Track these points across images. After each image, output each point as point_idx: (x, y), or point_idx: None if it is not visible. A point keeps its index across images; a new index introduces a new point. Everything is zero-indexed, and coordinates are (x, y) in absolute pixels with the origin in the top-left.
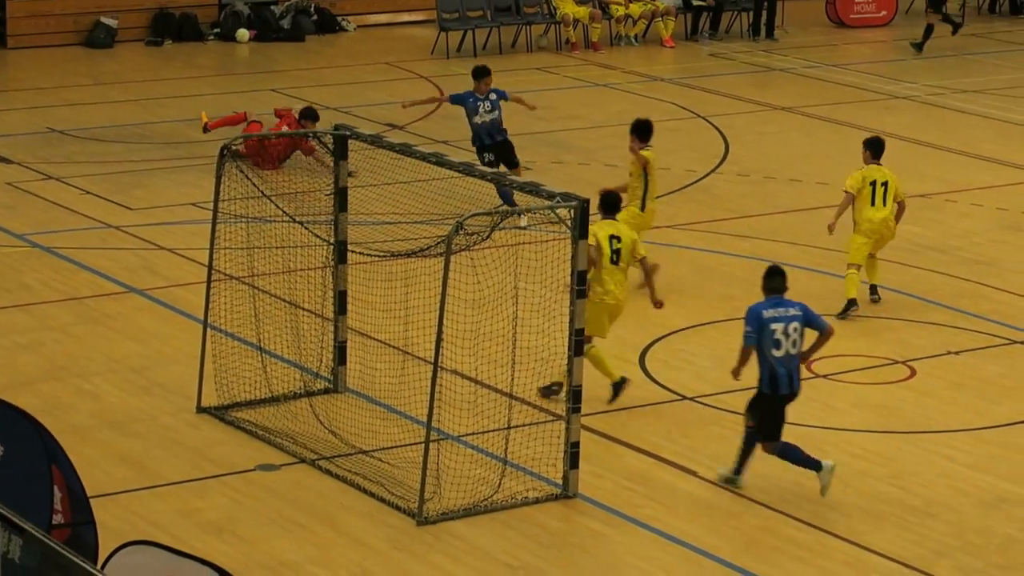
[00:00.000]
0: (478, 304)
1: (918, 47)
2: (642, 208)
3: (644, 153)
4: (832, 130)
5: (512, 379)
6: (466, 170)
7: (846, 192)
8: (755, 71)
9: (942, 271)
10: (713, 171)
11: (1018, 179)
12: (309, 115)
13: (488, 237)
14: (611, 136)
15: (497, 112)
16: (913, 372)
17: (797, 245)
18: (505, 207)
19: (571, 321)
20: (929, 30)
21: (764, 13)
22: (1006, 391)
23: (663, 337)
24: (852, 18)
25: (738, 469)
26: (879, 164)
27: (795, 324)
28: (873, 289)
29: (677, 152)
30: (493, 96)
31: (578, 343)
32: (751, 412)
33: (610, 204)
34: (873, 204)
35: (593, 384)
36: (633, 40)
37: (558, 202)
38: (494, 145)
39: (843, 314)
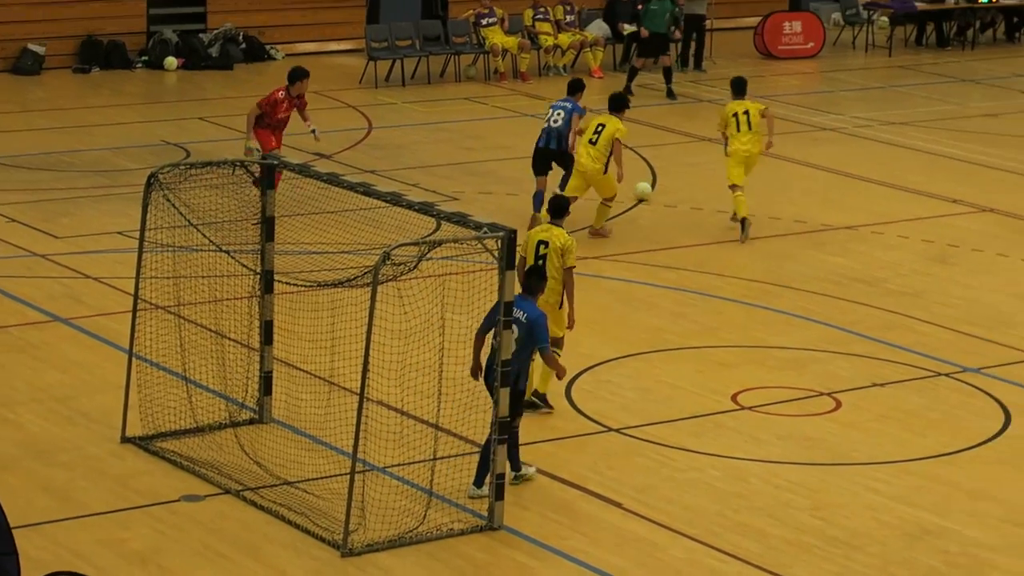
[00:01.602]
0: (405, 335)
1: (626, 91)
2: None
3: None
4: (761, 161)
5: (438, 410)
6: (393, 200)
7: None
8: (683, 102)
9: (868, 303)
10: (641, 202)
11: (944, 211)
12: (299, 75)
13: (415, 267)
14: None
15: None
16: (838, 404)
17: (724, 276)
18: (432, 239)
19: (497, 352)
20: (664, 72)
21: (693, 44)
22: (930, 423)
23: (589, 368)
24: (780, 49)
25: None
26: (742, 99)
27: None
28: (743, 224)
29: None
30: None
31: (504, 374)
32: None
33: (558, 209)
34: (739, 130)
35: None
36: (562, 70)
37: (485, 233)
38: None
39: (743, 234)
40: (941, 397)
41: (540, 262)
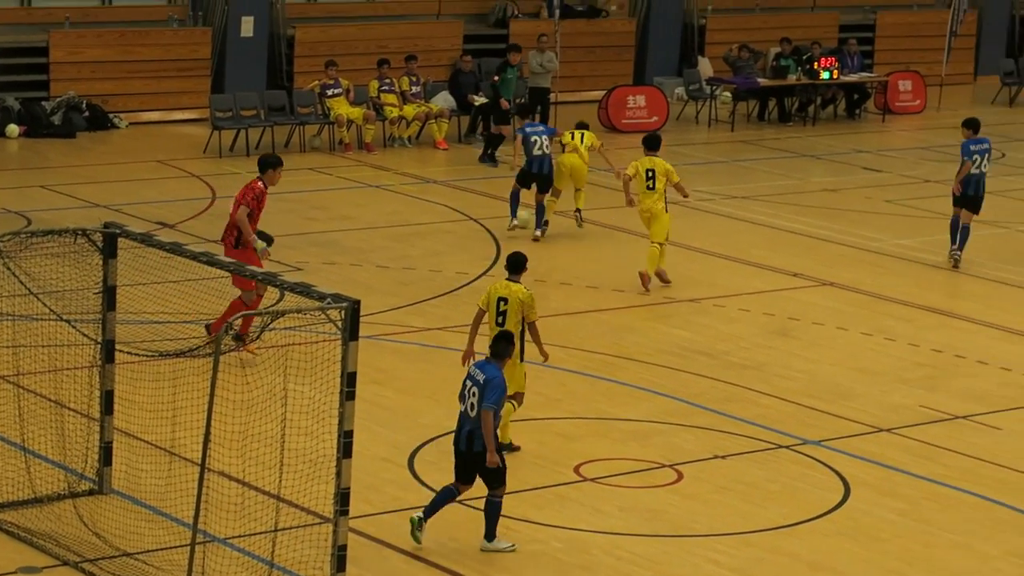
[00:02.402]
0: (247, 405)
1: (491, 160)
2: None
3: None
4: (603, 234)
5: (280, 481)
6: (237, 270)
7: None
8: None
9: (710, 375)
10: (484, 273)
11: (785, 285)
12: (271, 163)
13: (258, 338)
14: (383, 237)
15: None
16: (680, 476)
17: (567, 348)
18: (275, 309)
19: (340, 423)
20: (492, 139)
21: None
22: (771, 495)
23: (433, 439)
24: (624, 123)
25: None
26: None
27: (473, 387)
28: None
29: (449, 254)
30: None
31: (346, 445)
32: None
33: (515, 265)
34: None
35: (360, 486)
36: (407, 142)
37: (329, 303)
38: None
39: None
40: (781, 469)
41: (500, 319)
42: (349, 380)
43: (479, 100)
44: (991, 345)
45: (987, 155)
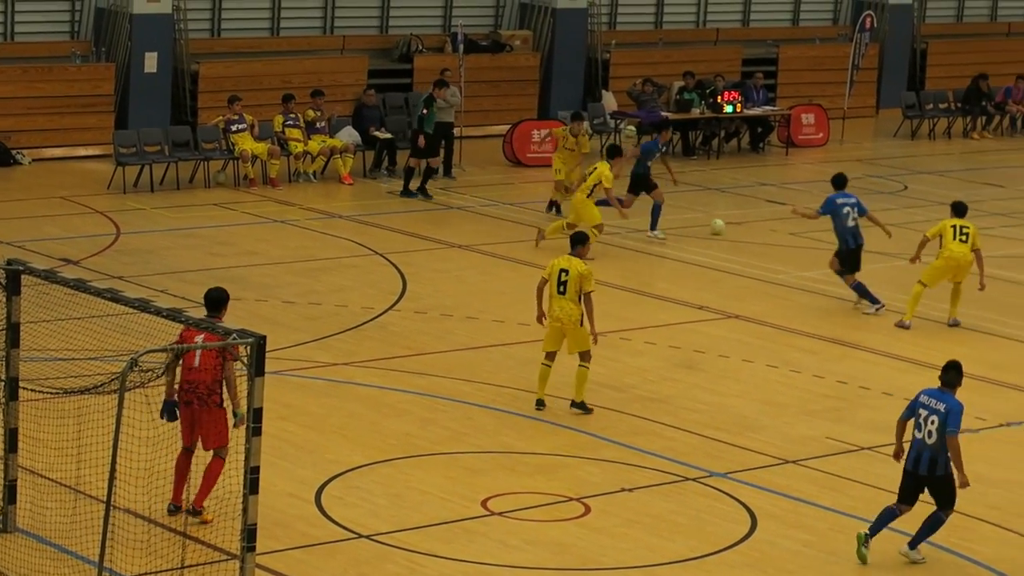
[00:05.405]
0: (152, 441)
1: (424, 193)
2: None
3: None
4: (509, 268)
5: (186, 519)
6: (141, 306)
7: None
8: (433, 209)
9: (617, 408)
10: (391, 308)
11: (690, 317)
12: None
13: (163, 374)
14: (289, 273)
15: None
16: (588, 509)
17: (473, 382)
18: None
19: (247, 459)
20: (405, 170)
21: (442, 151)
22: (678, 528)
23: (339, 475)
24: (528, 157)
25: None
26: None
27: (932, 416)
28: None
29: (354, 289)
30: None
31: (253, 481)
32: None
33: (576, 240)
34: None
35: (267, 522)
36: (312, 177)
37: (235, 338)
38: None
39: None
40: (688, 501)
41: (561, 288)
42: (255, 416)
43: (383, 135)
44: (895, 376)
45: (856, 208)
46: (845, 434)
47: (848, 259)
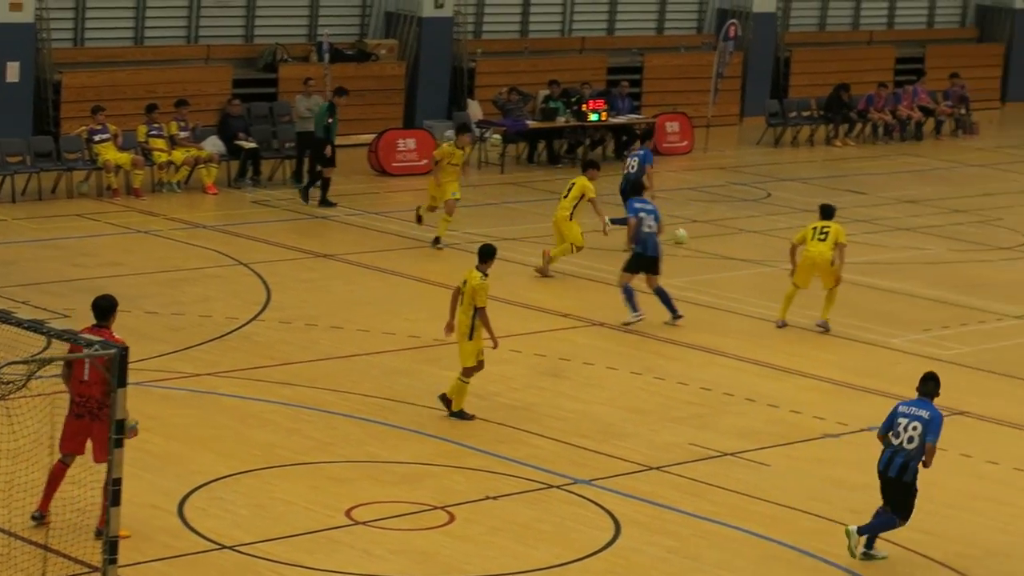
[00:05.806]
0: (13, 454)
1: (325, 203)
2: None
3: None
4: (375, 277)
5: (47, 531)
6: (2, 318)
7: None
8: (298, 218)
9: (481, 416)
10: (255, 318)
11: (555, 325)
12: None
13: (24, 386)
14: (153, 283)
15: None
16: (452, 517)
17: (338, 392)
18: (41, 357)
19: (108, 470)
20: (322, 182)
21: (307, 161)
22: (542, 535)
23: (203, 485)
24: (394, 166)
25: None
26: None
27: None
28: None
29: (219, 299)
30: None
31: (115, 493)
32: None
33: (482, 254)
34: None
35: (133, 540)
36: (176, 187)
37: (96, 350)
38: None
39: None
40: (552, 509)
41: (462, 298)
42: (117, 427)
43: (248, 144)
44: (758, 383)
45: (653, 215)
46: (708, 440)
47: (647, 265)
